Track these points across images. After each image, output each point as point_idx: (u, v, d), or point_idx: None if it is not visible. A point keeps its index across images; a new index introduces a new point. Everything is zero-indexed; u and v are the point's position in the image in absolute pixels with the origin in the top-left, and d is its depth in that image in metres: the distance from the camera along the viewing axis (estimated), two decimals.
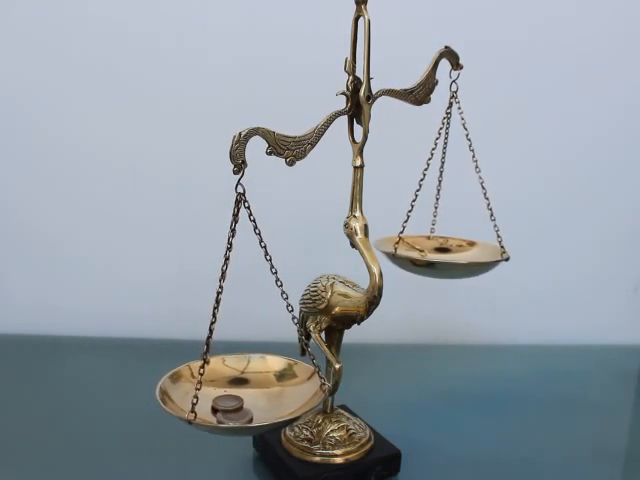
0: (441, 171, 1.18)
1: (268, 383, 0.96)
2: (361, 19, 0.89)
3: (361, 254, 0.90)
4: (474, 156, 1.12)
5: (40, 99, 1.49)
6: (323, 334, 0.98)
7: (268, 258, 0.86)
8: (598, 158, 1.58)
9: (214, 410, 0.89)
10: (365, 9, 0.88)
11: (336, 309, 0.95)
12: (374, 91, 0.92)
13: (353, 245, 0.92)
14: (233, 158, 0.80)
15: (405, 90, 0.99)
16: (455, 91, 1.12)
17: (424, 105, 1.02)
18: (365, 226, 0.92)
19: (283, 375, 0.97)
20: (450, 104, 1.13)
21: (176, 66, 1.48)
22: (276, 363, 0.99)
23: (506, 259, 1.13)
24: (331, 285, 0.96)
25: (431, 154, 1.14)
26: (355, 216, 0.93)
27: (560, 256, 1.62)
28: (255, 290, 1.33)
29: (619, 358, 1.57)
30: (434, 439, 1.14)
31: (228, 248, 0.83)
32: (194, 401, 0.82)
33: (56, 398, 1.26)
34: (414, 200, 1.14)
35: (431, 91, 1.03)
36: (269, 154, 0.84)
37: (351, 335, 1.02)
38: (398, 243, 1.13)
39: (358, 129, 0.93)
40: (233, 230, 0.83)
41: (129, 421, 1.17)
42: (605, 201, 1.61)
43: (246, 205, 0.83)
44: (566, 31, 1.49)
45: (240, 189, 0.82)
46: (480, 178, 1.12)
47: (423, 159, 1.13)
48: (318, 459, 0.98)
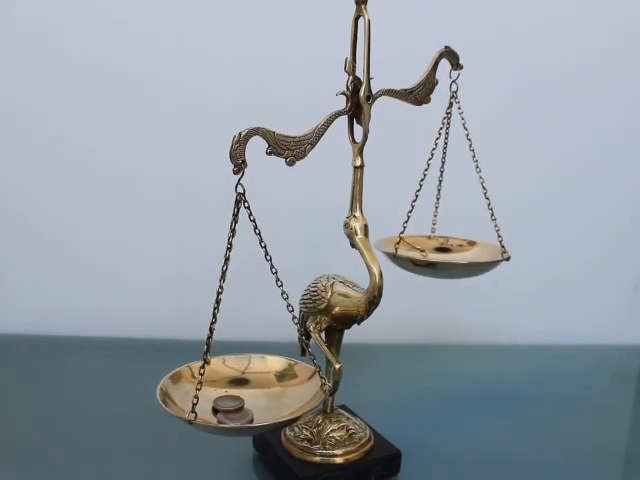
0: (441, 171, 1.18)
1: (269, 383, 0.96)
2: (361, 19, 0.89)
3: (361, 254, 0.90)
4: (474, 156, 1.12)
5: (41, 98, 1.49)
6: (323, 334, 0.98)
7: (268, 258, 0.86)
8: (598, 158, 1.58)
9: (215, 410, 0.89)
10: (365, 9, 0.89)
11: (336, 309, 0.95)
12: (374, 91, 0.92)
13: (353, 245, 0.92)
14: (233, 158, 0.79)
15: (405, 90, 0.99)
16: (455, 91, 1.12)
17: (424, 105, 1.02)
18: (365, 226, 0.92)
19: (283, 375, 0.97)
20: (450, 104, 1.13)
21: (176, 66, 1.48)
22: (276, 363, 0.98)
23: (507, 259, 1.13)
24: (331, 285, 0.96)
25: (431, 154, 1.14)
26: (355, 216, 0.93)
27: (560, 256, 1.62)
28: (255, 290, 1.33)
29: (619, 358, 1.57)
30: (434, 439, 1.14)
31: (228, 248, 0.83)
32: (194, 401, 0.82)
33: (56, 398, 1.26)
34: (414, 200, 1.14)
35: (431, 91, 1.03)
36: (269, 154, 0.84)
37: (351, 335, 1.02)
38: (399, 243, 1.13)
39: (358, 129, 0.93)
40: (233, 230, 0.83)
41: (129, 421, 1.17)
42: (604, 201, 1.61)
43: (246, 205, 0.83)
44: (565, 30, 1.50)
45: (240, 189, 0.82)
46: (480, 178, 1.12)
47: (423, 159, 1.13)
48: (318, 459, 0.98)
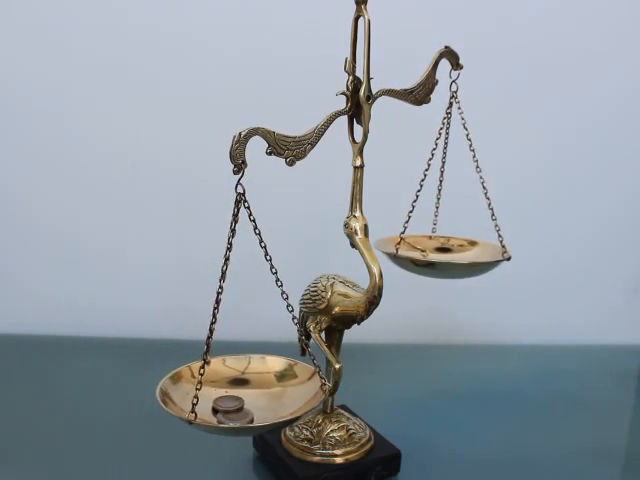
0: (442, 171, 1.18)
1: (268, 383, 0.96)
2: (361, 19, 0.89)
3: (361, 254, 0.90)
4: (474, 156, 1.13)
5: (46, 95, 1.49)
6: (323, 334, 0.98)
7: (268, 258, 0.86)
8: (598, 158, 1.59)
9: (215, 411, 0.89)
10: (365, 9, 0.89)
11: (336, 309, 0.95)
12: (374, 91, 0.92)
13: (353, 245, 0.92)
14: (233, 158, 0.80)
15: (405, 90, 0.99)
16: (455, 91, 1.12)
17: (424, 105, 1.02)
18: (365, 226, 0.92)
19: (283, 375, 0.97)
20: (450, 104, 1.13)
21: (179, 64, 1.48)
22: (276, 363, 0.99)
23: (507, 259, 1.13)
24: (331, 285, 0.96)
25: (432, 154, 1.14)
26: (355, 216, 0.93)
27: (559, 256, 1.63)
28: (255, 290, 1.33)
29: (619, 358, 1.57)
30: (434, 439, 1.14)
31: (228, 248, 0.83)
32: (194, 401, 0.82)
33: (54, 398, 1.26)
34: (415, 200, 1.14)
35: (431, 91, 1.03)
36: (269, 154, 0.84)
37: (351, 335, 1.02)
38: (399, 243, 1.13)
39: (358, 129, 0.93)
40: (233, 230, 0.83)
41: (129, 421, 1.17)
42: (604, 201, 1.62)
43: (246, 205, 0.83)
44: (564, 29, 1.50)
45: (240, 189, 0.82)
46: (481, 178, 1.12)
47: (424, 159, 1.14)
48: (318, 459, 0.98)
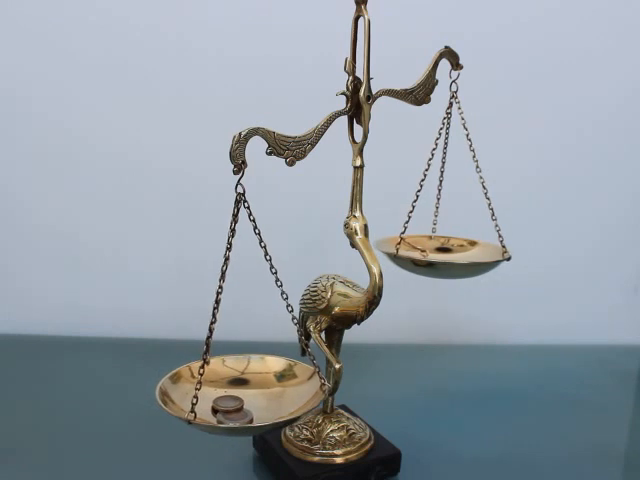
0: (442, 171, 1.19)
1: (268, 383, 0.97)
2: (361, 19, 0.89)
3: (361, 254, 0.91)
4: (475, 156, 1.13)
5: (46, 95, 1.50)
6: (323, 334, 0.98)
7: (268, 258, 0.86)
8: (598, 158, 1.59)
9: (214, 411, 0.89)
10: (365, 9, 0.89)
11: (336, 309, 0.95)
12: (374, 91, 0.92)
13: (353, 245, 0.93)
14: (233, 158, 0.80)
15: (405, 90, 1.00)
16: (455, 91, 1.12)
17: (424, 105, 1.03)
18: (365, 226, 0.92)
19: (283, 375, 0.97)
20: (450, 104, 1.13)
21: (178, 65, 1.49)
22: (276, 363, 0.99)
23: (507, 259, 1.13)
24: (331, 285, 0.96)
25: (432, 154, 1.14)
26: (355, 216, 0.93)
27: (560, 256, 1.63)
28: (255, 290, 1.33)
29: (618, 358, 1.58)
30: (434, 439, 1.15)
31: (228, 248, 0.84)
32: (194, 401, 0.82)
33: (55, 398, 1.27)
34: (415, 200, 1.14)
35: (431, 91, 1.03)
36: (269, 154, 0.85)
37: (351, 335, 1.02)
38: (399, 243, 1.14)
39: (358, 129, 0.93)
40: (233, 230, 0.83)
41: (129, 421, 1.18)
42: (604, 201, 1.62)
43: (246, 205, 0.83)
44: (565, 29, 1.51)
45: (240, 189, 0.82)
46: (481, 178, 1.13)
47: (424, 159, 1.14)
48: (318, 459, 0.98)
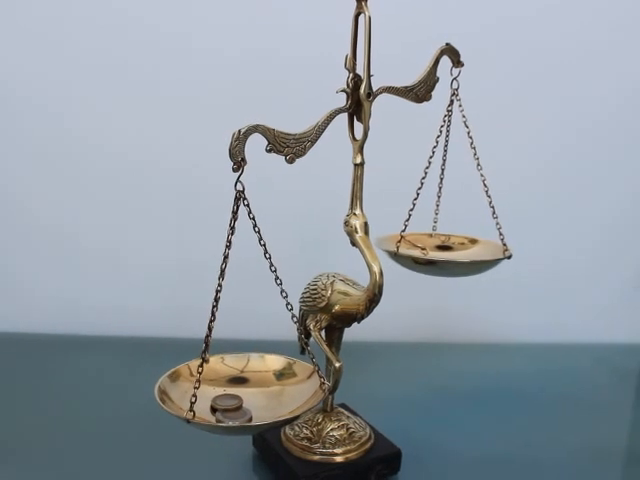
0: (442, 169, 1.19)
1: (267, 382, 0.97)
2: (362, 16, 0.90)
3: (361, 252, 0.91)
4: (475, 154, 1.13)
5: (46, 94, 1.51)
6: (323, 332, 0.99)
7: (268, 256, 0.87)
8: (598, 157, 1.60)
9: (213, 409, 0.90)
10: (366, 6, 0.90)
11: (336, 307, 0.95)
12: (374, 88, 0.92)
13: (353, 243, 0.93)
14: (232, 156, 0.80)
15: (406, 87, 1.01)
16: (456, 89, 1.13)
17: (425, 103, 1.03)
18: (365, 224, 0.93)
19: (282, 374, 0.98)
20: (451, 101, 1.14)
21: (178, 63, 1.50)
22: (275, 362, 1.00)
23: (508, 257, 1.14)
24: (331, 283, 0.97)
25: (432, 152, 1.15)
26: (355, 214, 0.94)
27: (560, 254, 1.64)
28: (255, 288, 1.34)
29: (619, 357, 1.58)
30: (435, 438, 1.16)
31: (227, 246, 0.84)
32: (193, 400, 0.83)
33: (54, 397, 1.27)
34: (416, 198, 1.14)
35: (432, 88, 1.04)
36: (269, 151, 0.85)
37: (351, 333, 1.03)
38: (400, 241, 1.14)
39: (358, 126, 0.93)
40: (232, 228, 0.84)
41: (127, 420, 1.18)
42: (605, 198, 1.63)
43: (245, 203, 0.83)
44: (566, 28, 1.51)
45: (239, 186, 0.83)
46: (482, 176, 1.13)
47: (424, 156, 1.14)
48: (318, 458, 0.99)
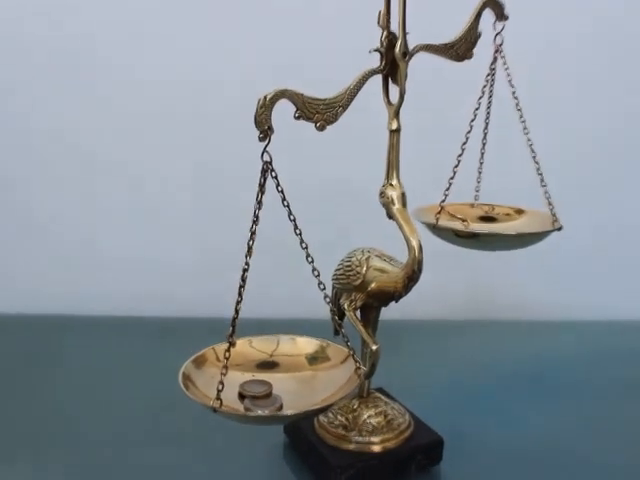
0: (485, 132, 1.15)
1: (299, 367, 0.96)
2: None
3: (398, 226, 0.90)
4: (521, 116, 1.10)
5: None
6: (358, 312, 0.97)
7: (298, 232, 0.85)
8: None
9: (241, 396, 0.89)
10: None
11: (372, 285, 0.94)
12: (411, 47, 0.90)
13: (390, 216, 0.92)
14: (259, 124, 0.78)
15: (445, 45, 0.98)
16: (500, 44, 1.09)
17: (466, 61, 1.01)
18: (402, 195, 0.91)
19: (315, 358, 0.97)
20: (494, 59, 1.10)
21: (200, 28, 1.50)
22: (307, 345, 0.98)
23: (558, 229, 1.10)
24: (366, 259, 0.95)
25: (474, 115, 1.11)
26: (392, 184, 0.92)
27: (618, 224, 1.62)
28: (284, 266, 1.33)
29: None
30: (481, 425, 1.14)
31: (254, 221, 0.82)
32: (219, 387, 0.81)
33: (73, 382, 1.28)
34: (456, 165, 1.11)
35: (473, 45, 1.01)
36: (297, 118, 0.84)
37: (389, 311, 1.00)
38: (440, 213, 1.11)
39: (394, 89, 0.92)
40: (259, 202, 0.82)
41: (154, 406, 1.19)
42: None
43: (273, 175, 0.82)
44: None
45: (267, 157, 0.81)
46: (529, 140, 1.10)
47: (465, 120, 1.11)
48: (354, 447, 0.98)
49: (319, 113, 0.85)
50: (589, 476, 1.03)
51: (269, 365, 0.96)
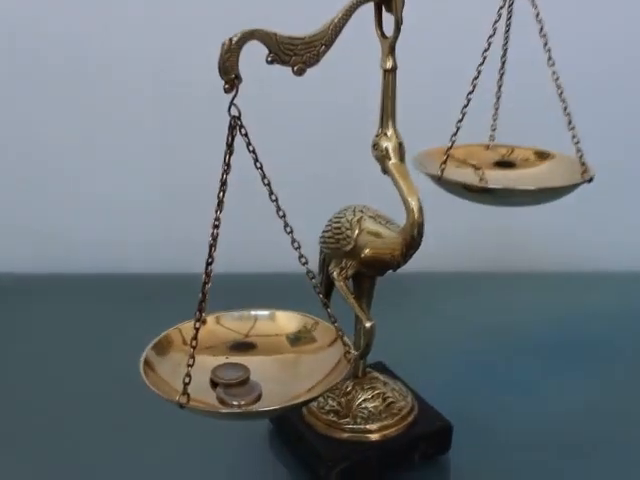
0: (503, 61, 1.09)
1: (280, 348, 0.91)
2: None
3: (395, 183, 0.84)
4: (546, 43, 1.02)
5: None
6: (350, 282, 0.93)
7: (274, 198, 0.79)
8: None
9: (213, 384, 0.83)
10: None
11: (365, 251, 0.89)
12: None
13: (385, 171, 0.86)
14: (224, 72, 0.72)
15: None
16: None
17: None
18: (400, 145, 0.85)
19: (298, 338, 0.91)
20: None
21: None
22: (289, 322, 0.93)
23: (589, 180, 1.03)
24: (358, 221, 0.90)
25: (488, 43, 1.03)
26: (386, 134, 0.86)
27: None
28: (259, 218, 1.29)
29: None
30: (495, 406, 1.10)
31: (222, 188, 0.76)
32: (186, 380, 0.76)
33: (29, 349, 1.26)
34: (466, 105, 1.03)
35: None
36: (270, 63, 0.77)
37: None
38: (445, 162, 1.03)
39: (388, 19, 0.84)
40: (227, 165, 0.76)
41: (113, 381, 1.13)
42: None
43: (243, 132, 0.76)
44: None
45: (234, 111, 0.75)
46: (554, 74, 1.02)
47: (478, 51, 1.03)
48: (347, 436, 0.94)
49: (297, 55, 0.78)
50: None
51: (245, 346, 0.91)
